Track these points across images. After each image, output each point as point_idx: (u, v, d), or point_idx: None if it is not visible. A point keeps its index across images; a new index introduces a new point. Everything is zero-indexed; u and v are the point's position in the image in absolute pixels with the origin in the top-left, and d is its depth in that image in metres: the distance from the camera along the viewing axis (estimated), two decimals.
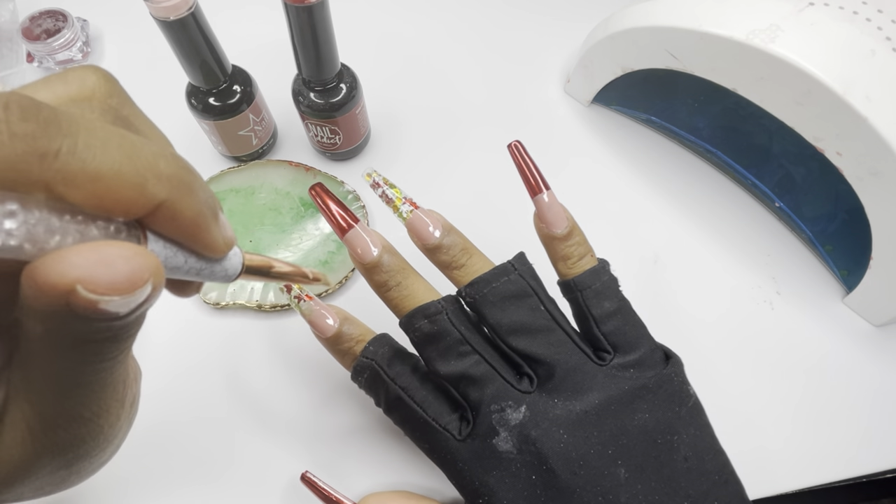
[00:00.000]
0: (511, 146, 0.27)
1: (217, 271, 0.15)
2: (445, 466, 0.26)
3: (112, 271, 0.11)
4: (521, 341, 0.25)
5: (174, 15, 0.30)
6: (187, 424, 0.33)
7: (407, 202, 0.27)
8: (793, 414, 0.34)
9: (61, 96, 0.13)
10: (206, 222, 0.13)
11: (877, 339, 0.36)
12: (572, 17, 0.50)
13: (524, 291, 0.25)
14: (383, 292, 0.27)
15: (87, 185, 0.11)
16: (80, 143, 0.11)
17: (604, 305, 0.26)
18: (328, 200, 0.26)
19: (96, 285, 0.10)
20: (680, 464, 0.24)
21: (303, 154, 0.43)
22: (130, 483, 0.32)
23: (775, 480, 0.32)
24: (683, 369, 0.26)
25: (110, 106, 0.14)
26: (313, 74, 0.35)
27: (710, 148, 0.42)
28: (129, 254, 0.11)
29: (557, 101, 0.46)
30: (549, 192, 0.26)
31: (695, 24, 0.33)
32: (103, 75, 0.14)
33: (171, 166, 0.12)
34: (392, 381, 0.26)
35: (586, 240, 0.27)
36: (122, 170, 0.11)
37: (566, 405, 0.24)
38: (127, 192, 0.11)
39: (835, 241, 0.38)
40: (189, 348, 0.36)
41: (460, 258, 0.26)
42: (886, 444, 0.33)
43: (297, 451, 0.33)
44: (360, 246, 0.26)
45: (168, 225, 0.13)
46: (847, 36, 0.30)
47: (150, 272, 0.11)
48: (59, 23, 0.44)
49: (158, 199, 0.12)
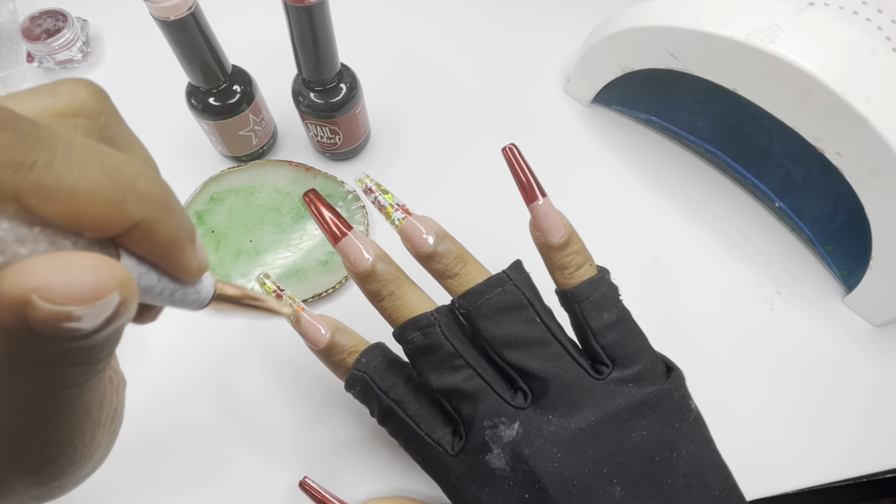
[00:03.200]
0: (505, 149, 0.25)
1: (189, 294, 0.15)
2: (439, 480, 0.26)
3: (73, 280, 0.10)
4: (516, 355, 0.24)
5: (174, 15, 0.30)
6: (186, 426, 0.33)
7: (399, 209, 0.26)
8: (792, 414, 0.34)
9: (48, 109, 0.13)
10: (182, 244, 0.13)
11: (876, 338, 0.36)
12: (572, 17, 0.50)
13: (519, 303, 0.25)
14: (377, 302, 0.26)
15: (61, 200, 0.10)
16: (58, 156, 0.10)
17: (602, 317, 0.25)
18: (321, 207, 0.25)
19: (53, 294, 0.10)
20: (679, 480, 0.23)
21: (303, 154, 0.43)
22: (125, 487, 0.32)
23: (775, 480, 0.32)
24: (685, 382, 0.26)
25: (98, 123, 0.13)
26: (313, 74, 0.35)
27: (710, 148, 0.42)
28: (94, 263, 0.10)
29: (557, 102, 0.46)
30: (546, 199, 0.25)
31: (695, 24, 0.33)
32: (94, 91, 0.13)
33: (151, 186, 0.12)
34: (384, 394, 0.26)
35: (585, 248, 0.26)
36: (99, 186, 0.11)
37: (561, 422, 0.24)
38: (103, 210, 0.11)
39: (835, 241, 0.38)
40: (189, 348, 0.36)
41: (454, 267, 0.26)
42: (886, 443, 0.33)
43: (296, 455, 0.33)
44: (353, 254, 0.25)
45: (143, 244, 0.12)
46: (847, 36, 0.30)
47: (116, 283, 0.10)
48: (59, 23, 0.44)
49: (136, 218, 0.12)
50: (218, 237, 0.38)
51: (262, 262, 0.37)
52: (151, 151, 0.15)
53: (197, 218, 0.39)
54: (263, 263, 0.37)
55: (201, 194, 0.39)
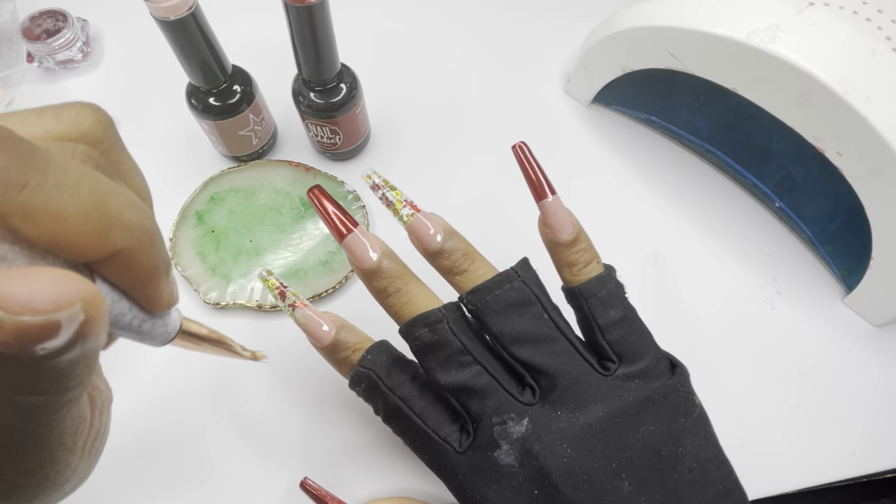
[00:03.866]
0: (516, 147, 0.26)
1: (157, 326, 0.15)
2: (445, 478, 0.26)
3: (34, 290, 0.10)
4: (524, 351, 0.25)
5: (174, 15, 0.30)
6: (186, 426, 0.33)
7: (408, 205, 0.26)
8: (792, 414, 0.34)
9: (51, 132, 0.13)
10: (158, 275, 0.13)
11: (877, 339, 0.36)
12: (572, 17, 0.50)
13: (527, 299, 0.25)
14: (382, 298, 0.26)
15: (47, 223, 0.11)
16: (51, 180, 0.10)
17: (609, 314, 0.25)
18: (326, 203, 0.25)
19: (11, 303, 0.09)
20: (684, 475, 0.24)
21: (303, 154, 0.43)
22: (125, 487, 0.32)
23: (776, 480, 0.32)
24: (689, 379, 0.26)
25: (99, 150, 0.13)
26: (313, 74, 0.35)
27: (710, 148, 0.42)
28: (59, 276, 0.10)
29: (557, 102, 0.46)
30: (555, 197, 0.25)
31: (695, 24, 0.33)
32: (98, 119, 0.14)
33: (138, 216, 0.12)
34: (391, 391, 0.26)
35: (592, 246, 0.26)
36: (87, 213, 0.11)
37: (570, 418, 0.24)
38: (87, 236, 0.11)
39: (835, 241, 0.38)
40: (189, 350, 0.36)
41: (462, 263, 0.26)
42: (886, 443, 0.33)
43: (298, 456, 0.33)
44: (358, 250, 0.25)
45: (120, 273, 0.12)
46: (847, 36, 0.30)
47: (80, 297, 0.10)
48: (59, 23, 0.44)
49: (118, 247, 0.12)
50: (218, 237, 0.38)
51: (262, 262, 0.37)
52: (152, 151, 0.15)
53: (197, 218, 0.39)
54: (263, 263, 0.37)
55: (201, 194, 0.39)
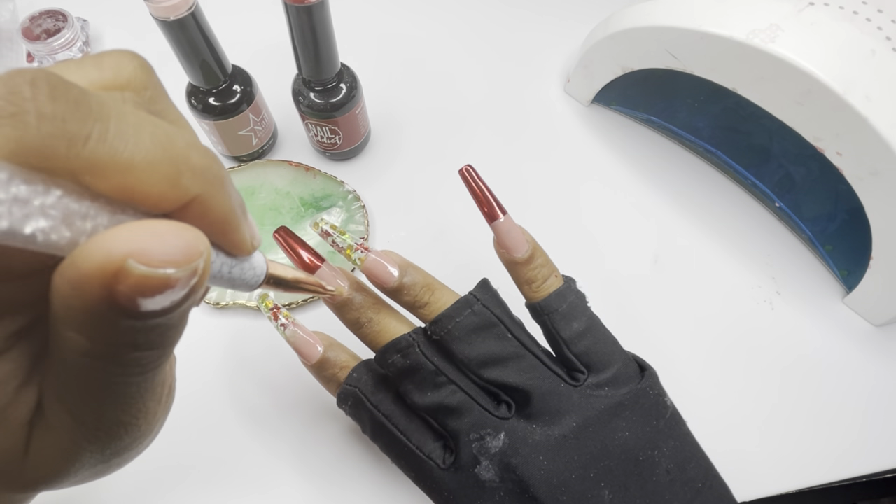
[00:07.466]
0: (462, 171, 0.26)
1: (246, 271, 0.15)
2: (432, 494, 0.26)
3: (166, 243, 0.10)
4: (493, 372, 0.25)
5: (174, 15, 0.30)
6: (185, 426, 0.33)
7: (359, 248, 0.26)
8: (792, 413, 0.34)
9: (94, 82, 0.12)
10: (236, 219, 0.13)
11: (876, 339, 0.36)
12: (572, 17, 0.50)
13: (489, 321, 0.25)
14: (356, 329, 0.27)
15: (117, 176, 0.10)
16: (112, 129, 0.10)
17: (572, 326, 0.25)
18: (293, 244, 0.26)
19: (150, 257, 0.09)
20: (663, 477, 0.24)
21: (303, 154, 0.43)
22: (125, 488, 0.32)
23: (775, 480, 0.32)
24: (658, 380, 0.26)
25: (144, 98, 0.13)
26: (313, 74, 0.35)
27: (710, 148, 0.42)
28: (180, 228, 0.10)
29: (557, 101, 0.46)
30: (507, 217, 0.26)
31: (695, 24, 0.33)
32: (140, 64, 0.13)
33: (204, 159, 0.11)
34: (375, 408, 0.26)
35: (550, 260, 0.27)
36: (155, 161, 0.10)
37: (545, 430, 0.24)
38: (159, 186, 0.10)
39: (835, 241, 0.38)
40: (189, 348, 0.36)
41: (423, 296, 0.26)
42: (886, 443, 0.33)
43: (296, 453, 0.33)
44: (329, 285, 0.25)
45: (199, 220, 0.12)
46: (847, 36, 0.30)
47: (204, 246, 0.10)
48: (59, 23, 0.44)
49: (192, 194, 0.11)
50: None
51: None
52: None
53: None
54: None
55: None
